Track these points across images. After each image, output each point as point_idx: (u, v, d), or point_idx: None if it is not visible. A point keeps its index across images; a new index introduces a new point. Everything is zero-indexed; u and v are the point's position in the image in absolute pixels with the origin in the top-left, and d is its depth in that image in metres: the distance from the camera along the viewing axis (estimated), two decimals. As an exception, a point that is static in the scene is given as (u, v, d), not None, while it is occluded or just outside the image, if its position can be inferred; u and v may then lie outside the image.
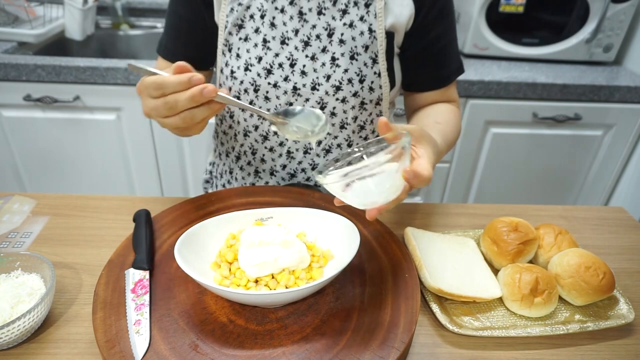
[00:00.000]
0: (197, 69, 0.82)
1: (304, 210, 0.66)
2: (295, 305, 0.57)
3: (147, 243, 0.64)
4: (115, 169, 1.59)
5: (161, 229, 0.69)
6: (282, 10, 0.74)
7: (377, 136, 0.87)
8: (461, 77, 1.44)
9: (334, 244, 0.63)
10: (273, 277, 0.58)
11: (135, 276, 0.60)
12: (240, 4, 0.75)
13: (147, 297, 0.57)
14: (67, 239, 0.73)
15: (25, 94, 1.41)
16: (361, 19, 0.74)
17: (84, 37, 1.65)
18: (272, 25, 0.75)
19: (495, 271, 0.69)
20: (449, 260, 0.68)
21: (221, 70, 0.82)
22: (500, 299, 0.65)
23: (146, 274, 0.60)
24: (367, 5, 0.74)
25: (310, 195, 0.78)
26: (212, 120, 0.94)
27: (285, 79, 0.76)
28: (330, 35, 0.75)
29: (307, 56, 0.76)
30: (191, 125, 0.61)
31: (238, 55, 0.78)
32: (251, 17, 0.75)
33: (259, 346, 0.52)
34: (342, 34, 0.75)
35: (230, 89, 0.81)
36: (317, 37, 0.75)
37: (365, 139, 0.85)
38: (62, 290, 0.63)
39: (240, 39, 0.77)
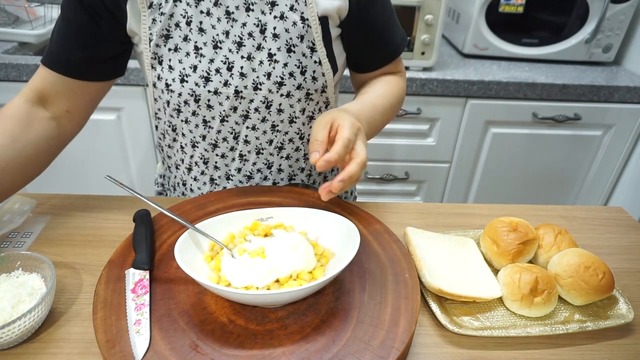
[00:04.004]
0: (86, 79, 0.75)
1: (304, 210, 0.66)
2: (295, 305, 0.57)
3: (147, 243, 0.64)
4: (115, 169, 1.59)
5: (161, 229, 0.69)
6: (208, 13, 0.71)
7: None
8: (461, 77, 1.45)
9: (334, 244, 0.63)
10: (277, 281, 0.58)
11: (135, 276, 0.60)
12: (162, 14, 0.70)
13: (147, 297, 0.57)
14: (67, 239, 0.73)
15: (25, 94, 1.41)
16: (291, 8, 0.71)
17: (84, 37, 1.65)
18: (201, 30, 0.71)
19: (495, 271, 0.69)
20: (449, 260, 0.68)
21: (154, 85, 0.77)
22: (500, 299, 0.65)
23: (146, 274, 0.60)
24: None
25: (310, 195, 0.78)
26: (152, 130, 0.90)
27: (225, 83, 0.74)
28: (263, 31, 0.72)
29: (242, 57, 0.73)
30: None
31: (170, 67, 0.74)
32: (177, 25, 0.71)
33: (259, 346, 0.52)
34: (274, 28, 0.71)
35: (168, 102, 0.77)
36: (250, 35, 0.72)
37: None
38: (63, 290, 0.63)
39: (169, 49, 0.73)
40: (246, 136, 0.80)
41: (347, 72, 0.90)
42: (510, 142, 1.59)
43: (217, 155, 0.82)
